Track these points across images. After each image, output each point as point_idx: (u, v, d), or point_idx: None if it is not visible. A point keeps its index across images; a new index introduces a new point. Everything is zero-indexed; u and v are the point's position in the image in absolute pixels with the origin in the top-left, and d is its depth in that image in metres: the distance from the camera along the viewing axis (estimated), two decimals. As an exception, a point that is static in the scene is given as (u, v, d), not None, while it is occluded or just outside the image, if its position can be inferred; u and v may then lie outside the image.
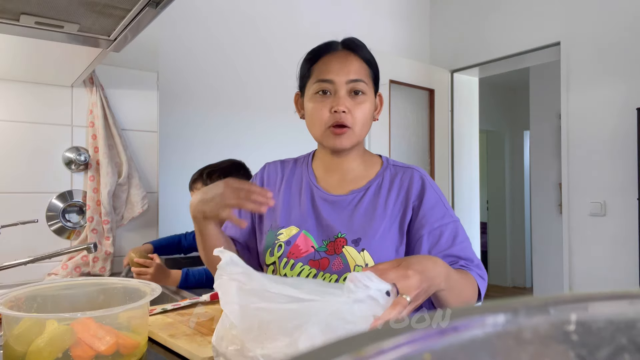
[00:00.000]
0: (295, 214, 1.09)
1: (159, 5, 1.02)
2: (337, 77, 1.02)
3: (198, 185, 1.76)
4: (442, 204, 1.05)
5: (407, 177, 1.07)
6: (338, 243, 1.03)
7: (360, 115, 1.02)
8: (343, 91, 1.01)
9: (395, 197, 1.05)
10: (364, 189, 1.07)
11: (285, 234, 1.07)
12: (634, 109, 2.77)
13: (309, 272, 1.03)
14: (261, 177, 1.18)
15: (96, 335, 0.81)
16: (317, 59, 1.07)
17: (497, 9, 3.51)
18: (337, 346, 0.19)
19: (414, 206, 1.03)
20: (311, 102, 1.05)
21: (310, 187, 1.11)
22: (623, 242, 2.84)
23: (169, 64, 2.57)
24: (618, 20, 2.86)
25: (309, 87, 1.06)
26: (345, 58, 1.04)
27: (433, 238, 1.01)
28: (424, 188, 1.05)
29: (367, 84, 1.03)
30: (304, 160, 1.18)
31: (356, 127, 1.03)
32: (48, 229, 1.82)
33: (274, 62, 3.05)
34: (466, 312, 0.23)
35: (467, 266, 0.98)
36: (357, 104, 1.02)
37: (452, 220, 1.03)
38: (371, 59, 1.07)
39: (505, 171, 6.22)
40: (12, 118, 1.76)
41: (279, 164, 1.20)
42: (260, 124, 2.98)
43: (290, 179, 1.15)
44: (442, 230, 1.01)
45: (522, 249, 6.00)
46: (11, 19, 1.07)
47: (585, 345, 0.22)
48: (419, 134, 3.69)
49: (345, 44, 1.07)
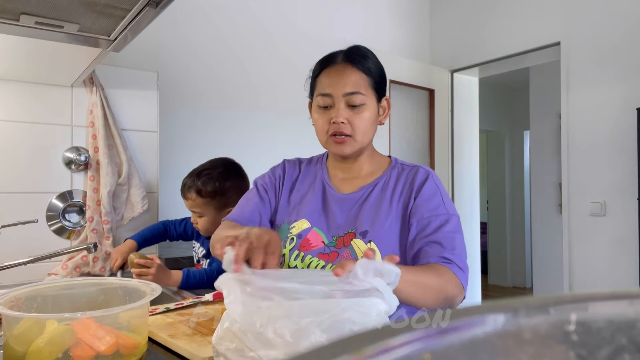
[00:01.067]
0: (308, 210, 1.14)
1: (159, 5, 1.02)
2: (334, 90, 1.07)
3: (192, 195, 1.63)
4: (439, 197, 1.08)
5: (413, 173, 1.13)
6: (347, 237, 1.08)
7: (359, 124, 1.07)
8: (341, 103, 1.07)
9: (400, 192, 1.10)
10: (372, 185, 1.13)
11: (297, 227, 1.12)
12: (634, 109, 2.77)
13: (318, 264, 1.08)
14: (281, 172, 1.23)
15: (96, 335, 0.81)
16: (319, 72, 1.12)
17: (497, 9, 3.51)
18: (337, 346, 0.19)
19: (415, 197, 1.08)
20: (315, 113, 1.12)
21: (323, 185, 1.17)
22: (623, 242, 2.84)
23: (169, 64, 2.57)
24: (618, 20, 2.86)
25: (314, 99, 1.13)
26: (343, 71, 1.08)
27: (421, 226, 1.04)
28: (426, 180, 1.09)
29: (366, 94, 1.07)
30: (319, 159, 1.25)
31: (357, 136, 1.08)
32: (48, 229, 1.82)
33: (274, 61, 3.05)
34: (466, 312, 0.23)
35: (447, 259, 0.98)
36: (355, 114, 1.07)
37: (447, 213, 1.06)
38: (372, 67, 1.10)
39: (505, 171, 6.22)
40: (12, 118, 1.76)
41: (297, 162, 1.26)
42: (260, 123, 2.98)
43: (305, 176, 1.22)
44: (431, 219, 1.04)
45: (522, 249, 6.00)
46: (11, 19, 1.07)
47: (585, 345, 0.22)
48: (419, 134, 3.69)
49: (346, 55, 1.10)
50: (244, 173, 1.77)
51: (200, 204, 1.64)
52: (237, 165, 1.76)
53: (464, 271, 0.99)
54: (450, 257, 0.98)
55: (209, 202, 1.63)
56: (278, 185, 1.22)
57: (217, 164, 1.71)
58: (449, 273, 0.96)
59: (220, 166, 1.70)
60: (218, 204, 1.64)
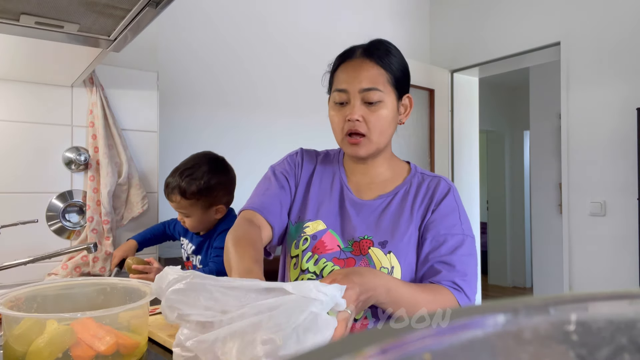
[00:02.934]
0: (324, 210, 1.09)
1: (159, 5, 1.02)
2: (350, 86, 1.02)
3: (176, 197, 1.57)
4: (457, 215, 1.04)
5: (434, 183, 1.08)
6: (363, 244, 1.03)
7: (376, 123, 1.02)
8: (357, 100, 1.01)
9: (420, 203, 1.06)
10: (392, 194, 1.08)
11: (312, 227, 1.08)
12: (634, 109, 2.77)
13: (332, 269, 1.03)
14: (300, 160, 1.17)
15: (96, 335, 0.81)
16: (337, 67, 1.08)
17: (497, 9, 3.51)
18: (337, 346, 0.19)
19: (433, 210, 1.04)
20: (332, 110, 1.07)
21: (341, 186, 1.12)
22: (623, 242, 2.84)
23: (169, 64, 2.57)
24: (618, 21, 2.86)
25: (331, 95, 1.08)
26: (360, 66, 1.03)
27: (435, 243, 1.01)
28: (447, 195, 1.05)
29: (384, 91, 1.02)
30: (335, 156, 1.19)
31: (373, 136, 1.03)
32: (48, 229, 1.82)
33: (274, 61, 3.05)
34: (466, 312, 0.23)
35: (457, 286, 0.95)
36: (372, 112, 1.02)
37: (463, 233, 1.02)
38: (394, 62, 1.05)
39: (505, 171, 6.22)
40: (12, 118, 1.76)
41: (313, 154, 1.20)
42: (261, 123, 2.99)
43: (322, 172, 1.15)
44: (447, 238, 1.01)
45: (522, 249, 6.00)
46: (11, 19, 1.07)
47: (585, 345, 0.22)
48: (419, 134, 3.69)
49: (365, 49, 1.05)
50: (230, 167, 1.69)
51: (185, 205, 1.57)
52: (222, 160, 1.68)
53: (470, 300, 0.97)
54: (461, 285, 0.95)
55: (194, 203, 1.57)
56: (297, 174, 1.15)
57: (200, 161, 1.62)
58: (452, 299, 0.93)
59: (204, 163, 1.61)
60: (205, 203, 1.58)
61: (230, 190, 1.68)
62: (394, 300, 0.85)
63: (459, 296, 0.94)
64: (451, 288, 0.95)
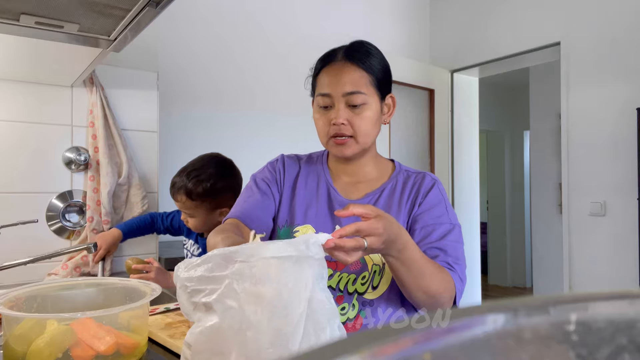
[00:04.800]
0: (312, 213, 1.10)
1: (159, 5, 1.02)
2: (333, 90, 1.03)
3: (182, 197, 1.56)
4: (444, 206, 1.06)
5: (419, 179, 1.10)
6: None
7: (360, 125, 1.03)
8: (341, 104, 1.02)
9: (407, 198, 1.07)
10: (378, 192, 1.10)
11: (302, 231, 1.08)
12: (634, 109, 2.77)
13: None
14: (280, 167, 1.17)
15: (96, 335, 0.81)
16: (319, 70, 1.08)
17: (497, 9, 3.51)
18: (337, 346, 0.19)
19: (420, 203, 1.06)
20: (316, 113, 1.08)
21: (327, 187, 1.12)
22: (623, 242, 2.84)
23: (169, 64, 2.57)
24: (618, 20, 2.86)
25: (315, 99, 1.09)
26: (341, 69, 1.03)
27: (425, 232, 1.03)
28: (432, 188, 1.07)
29: (367, 93, 1.03)
30: (319, 158, 1.19)
31: (359, 137, 1.04)
32: (48, 229, 1.82)
33: (274, 61, 3.05)
34: (466, 312, 0.23)
35: (451, 266, 0.98)
36: (356, 115, 1.03)
37: (450, 222, 1.04)
38: (375, 63, 1.05)
39: (505, 171, 6.22)
40: (12, 118, 1.76)
41: (295, 158, 1.20)
42: (260, 123, 2.99)
43: (307, 175, 1.16)
44: (435, 227, 1.03)
45: (522, 249, 6.00)
46: (11, 19, 1.07)
47: (585, 345, 0.22)
48: (419, 134, 3.69)
49: (346, 52, 1.05)
50: (237, 171, 1.68)
51: (190, 206, 1.57)
52: (229, 163, 1.66)
53: (463, 282, 0.98)
54: (454, 266, 0.97)
55: (199, 205, 1.56)
56: (279, 180, 1.15)
57: (208, 162, 1.61)
58: (450, 277, 0.95)
59: (212, 165, 1.59)
60: (210, 205, 1.57)
61: (236, 194, 1.67)
62: (404, 259, 0.86)
63: (454, 276, 0.96)
64: (447, 269, 0.97)
